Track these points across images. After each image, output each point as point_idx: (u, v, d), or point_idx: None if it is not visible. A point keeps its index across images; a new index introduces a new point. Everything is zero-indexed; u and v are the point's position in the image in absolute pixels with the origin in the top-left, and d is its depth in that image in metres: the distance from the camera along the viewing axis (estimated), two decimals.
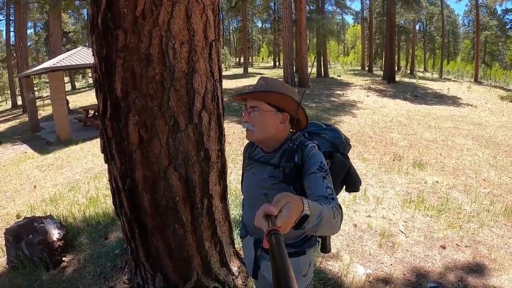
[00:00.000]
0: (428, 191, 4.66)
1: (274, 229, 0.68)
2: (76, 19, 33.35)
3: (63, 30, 23.66)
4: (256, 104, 1.30)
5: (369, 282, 2.72)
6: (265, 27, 46.30)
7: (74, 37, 31.24)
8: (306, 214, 0.82)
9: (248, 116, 1.31)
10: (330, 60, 35.95)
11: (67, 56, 10.56)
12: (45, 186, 5.70)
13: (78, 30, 31.93)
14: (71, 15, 31.76)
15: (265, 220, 0.73)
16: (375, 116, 10.91)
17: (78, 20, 33.20)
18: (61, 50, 16.73)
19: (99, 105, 1.91)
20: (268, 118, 1.30)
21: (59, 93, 10.13)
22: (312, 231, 0.93)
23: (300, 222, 0.82)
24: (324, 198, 1.08)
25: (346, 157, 1.49)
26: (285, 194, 0.80)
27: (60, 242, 2.99)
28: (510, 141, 8.30)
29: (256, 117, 1.30)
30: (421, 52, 42.60)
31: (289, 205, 0.76)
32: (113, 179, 2.04)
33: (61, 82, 10.54)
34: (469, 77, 31.40)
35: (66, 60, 10.00)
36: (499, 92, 21.02)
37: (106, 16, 1.67)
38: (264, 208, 0.75)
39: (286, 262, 0.57)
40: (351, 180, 1.50)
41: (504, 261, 3.05)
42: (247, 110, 1.32)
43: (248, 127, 1.31)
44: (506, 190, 4.86)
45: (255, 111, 1.30)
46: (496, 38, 30.87)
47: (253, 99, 1.31)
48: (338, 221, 1.01)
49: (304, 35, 18.65)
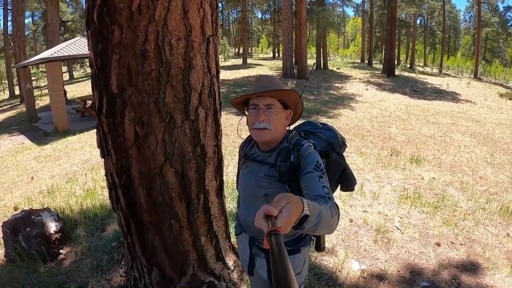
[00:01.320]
0: (425, 187, 4.68)
1: (274, 230, 0.68)
2: (74, 8, 32.98)
3: (61, 19, 23.38)
4: (271, 102, 1.30)
5: (364, 278, 2.74)
6: (265, 18, 45.95)
7: (72, 27, 30.86)
8: (306, 214, 0.83)
9: (264, 114, 1.30)
10: (330, 52, 35.69)
11: (65, 46, 10.45)
12: (43, 177, 5.69)
13: (76, 19, 31.49)
14: (69, 4, 31.47)
15: (265, 221, 0.74)
16: (373, 110, 10.88)
17: (76, 9, 32.82)
18: (59, 39, 16.54)
19: (95, 100, 1.90)
20: (281, 116, 1.33)
21: (56, 83, 10.05)
22: (311, 231, 0.94)
23: (300, 222, 0.83)
24: (321, 197, 1.10)
25: (341, 157, 1.51)
26: (285, 195, 0.80)
27: (57, 235, 3.00)
28: (507, 139, 8.32)
29: (275, 114, 1.30)
30: (421, 46, 42.43)
31: (289, 205, 0.77)
32: (109, 174, 2.04)
33: (58, 73, 10.46)
34: (468, 73, 31.33)
35: (64, 50, 9.89)
36: (499, 89, 20.98)
37: (102, 11, 1.64)
38: (264, 208, 0.75)
39: (286, 262, 0.58)
40: (346, 179, 1.52)
41: (498, 260, 3.07)
42: (259, 109, 1.31)
43: (266, 126, 1.30)
44: (502, 188, 4.88)
45: (271, 109, 1.30)
46: (497, 35, 30.71)
47: (268, 97, 1.31)
48: (335, 221, 1.03)
49: (304, 27, 18.53)
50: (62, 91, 10.51)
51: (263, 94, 1.30)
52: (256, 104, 1.32)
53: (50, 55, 9.51)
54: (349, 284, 2.66)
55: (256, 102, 1.32)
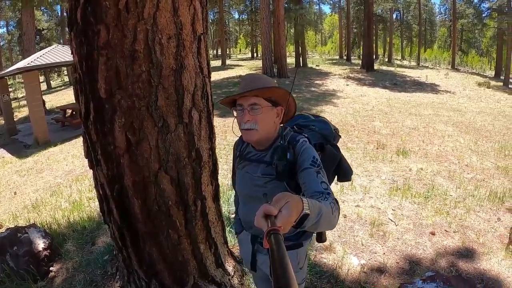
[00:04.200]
0: (414, 178, 4.74)
1: (273, 229, 0.68)
2: (49, 16, 32.10)
3: (36, 28, 22.73)
4: (256, 101, 1.27)
5: (364, 273, 2.74)
6: (242, 18, 45.84)
7: (48, 35, 30.07)
8: (306, 213, 0.83)
9: (249, 114, 1.27)
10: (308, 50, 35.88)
11: (41, 54, 10.11)
12: (26, 192, 5.48)
13: (52, 27, 30.72)
14: (44, 11, 30.58)
15: (265, 220, 0.73)
16: (356, 105, 10.97)
17: (51, 17, 31.96)
18: (35, 48, 16.05)
19: (81, 107, 1.79)
20: (269, 114, 1.30)
21: (35, 93, 9.75)
22: (312, 229, 0.94)
23: (300, 221, 0.83)
24: (320, 193, 1.09)
25: (336, 148, 1.51)
26: (284, 194, 0.80)
27: (46, 252, 2.86)
28: (489, 127, 8.55)
29: (259, 114, 1.27)
30: (398, 40, 43.27)
31: (289, 205, 0.77)
32: (99, 185, 1.93)
33: (36, 82, 10.12)
34: (446, 64, 32.03)
35: (40, 59, 9.57)
36: (476, 78, 21.57)
37: (86, 10, 1.54)
38: (264, 208, 0.75)
39: (286, 261, 0.58)
40: (343, 170, 1.52)
41: (492, 244, 3.13)
42: (244, 109, 1.28)
43: (251, 126, 1.27)
44: (488, 175, 5.00)
45: (256, 109, 1.26)
46: (473, 26, 31.36)
47: (252, 97, 1.27)
48: (336, 216, 1.03)
49: (282, 26, 18.54)
50: (41, 102, 10.19)
51: (245, 94, 1.27)
52: (241, 104, 1.29)
53: (27, 65, 9.17)
54: (351, 280, 2.65)
55: (241, 102, 1.30)
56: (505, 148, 6.45)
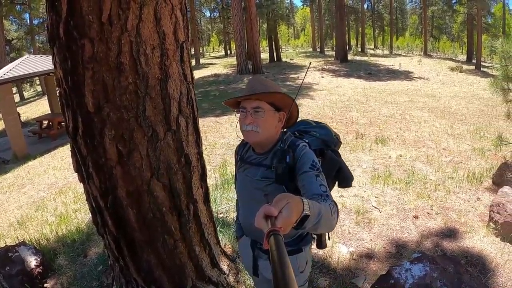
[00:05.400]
0: (394, 165, 4.87)
1: (274, 230, 0.68)
2: (18, 25, 30.77)
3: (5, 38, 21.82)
4: (259, 105, 1.30)
5: (354, 260, 2.83)
6: (214, 16, 45.54)
7: (18, 44, 28.85)
8: (307, 214, 0.83)
9: (251, 117, 1.30)
10: (281, 44, 35.99)
11: (14, 66, 9.69)
12: (9, 209, 5.32)
13: (21, 37, 29.49)
14: (12, 21, 29.34)
15: (265, 221, 0.73)
16: (332, 97, 11.10)
17: (20, 26, 30.62)
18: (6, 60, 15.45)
19: (68, 122, 1.79)
20: (271, 118, 1.33)
21: (10, 106, 9.43)
22: (312, 230, 0.95)
23: (300, 222, 0.83)
24: (319, 196, 1.11)
25: (337, 154, 1.54)
26: (285, 195, 0.80)
27: (39, 269, 2.82)
28: (464, 110, 8.85)
29: (262, 118, 1.30)
30: (370, 30, 43.83)
31: (289, 205, 0.76)
32: (92, 198, 1.94)
33: (10, 95, 9.72)
34: (418, 51, 32.77)
35: (13, 70, 9.18)
36: (449, 63, 22.20)
37: (69, 24, 1.54)
38: (264, 208, 0.75)
39: (286, 262, 0.57)
40: (343, 176, 1.53)
41: (473, 223, 3.30)
42: (247, 112, 1.31)
43: (252, 129, 1.30)
44: (465, 157, 5.21)
45: (259, 112, 1.30)
46: (443, 12, 32.02)
47: (255, 100, 1.31)
48: (335, 218, 1.04)
49: (255, 22, 18.52)
50: (17, 115, 9.84)
51: (249, 97, 1.30)
52: (244, 107, 1.32)
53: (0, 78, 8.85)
54: (342, 267, 2.74)
55: (244, 105, 1.33)
56: (480, 130, 6.70)
